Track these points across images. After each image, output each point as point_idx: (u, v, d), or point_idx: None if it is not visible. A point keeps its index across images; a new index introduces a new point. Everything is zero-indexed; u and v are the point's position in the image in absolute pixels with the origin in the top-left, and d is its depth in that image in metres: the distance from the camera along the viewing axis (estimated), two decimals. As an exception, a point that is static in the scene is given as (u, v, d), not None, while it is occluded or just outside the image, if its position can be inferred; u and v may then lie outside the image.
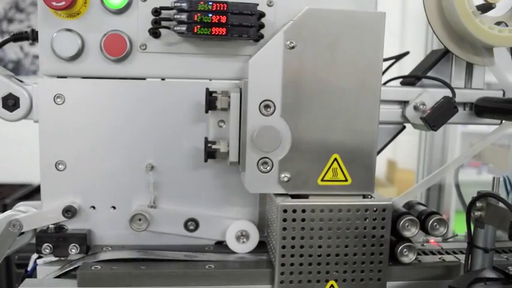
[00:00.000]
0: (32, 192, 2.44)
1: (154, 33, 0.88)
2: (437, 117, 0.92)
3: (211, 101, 0.88)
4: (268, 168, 0.82)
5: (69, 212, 0.90)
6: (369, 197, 0.86)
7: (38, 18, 0.89)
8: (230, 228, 0.93)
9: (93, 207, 0.93)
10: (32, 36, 0.93)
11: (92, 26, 0.89)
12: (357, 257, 0.84)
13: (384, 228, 0.84)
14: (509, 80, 1.01)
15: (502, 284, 0.83)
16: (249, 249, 0.94)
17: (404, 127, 1.03)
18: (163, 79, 0.94)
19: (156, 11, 0.87)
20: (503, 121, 1.01)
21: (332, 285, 0.85)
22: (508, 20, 0.98)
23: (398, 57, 1.13)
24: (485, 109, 0.99)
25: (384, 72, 1.10)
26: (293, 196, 0.84)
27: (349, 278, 0.85)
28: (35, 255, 0.93)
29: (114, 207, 0.94)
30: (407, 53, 1.14)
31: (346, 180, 0.84)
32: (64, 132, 0.91)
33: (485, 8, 0.94)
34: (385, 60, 1.09)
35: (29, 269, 0.93)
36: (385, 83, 1.10)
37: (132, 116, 0.92)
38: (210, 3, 0.83)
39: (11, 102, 0.90)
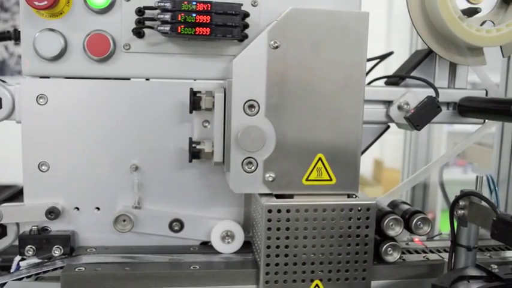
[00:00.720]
0: (17, 194, 2.41)
1: (138, 33, 0.88)
2: (420, 117, 0.93)
3: (195, 101, 0.88)
4: (252, 168, 0.82)
5: (53, 213, 0.90)
6: (354, 196, 0.86)
7: (20, 17, 0.88)
8: (215, 229, 0.93)
9: (77, 209, 0.93)
10: (14, 36, 0.92)
11: (75, 25, 0.88)
12: (341, 257, 0.84)
13: (368, 227, 0.85)
14: (492, 79, 1.02)
15: (484, 281, 0.83)
16: (234, 249, 0.93)
17: (388, 127, 1.04)
18: (147, 79, 0.93)
19: (140, 11, 0.86)
20: (486, 120, 1.02)
21: (317, 285, 0.85)
22: (493, 18, 0.99)
23: (382, 57, 1.13)
24: (468, 109, 1.00)
25: (368, 72, 1.11)
26: (278, 196, 0.84)
27: (334, 278, 0.85)
28: (18, 258, 0.92)
29: (98, 208, 0.93)
30: (391, 53, 1.15)
31: (330, 179, 0.84)
32: (47, 133, 0.90)
33: (470, 12, 0.95)
34: (370, 60, 1.10)
35: (12, 271, 0.91)
36: (369, 83, 1.11)
37: (116, 117, 0.91)
38: (194, 3, 0.83)
39: (-7, 103, 0.89)
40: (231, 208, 0.96)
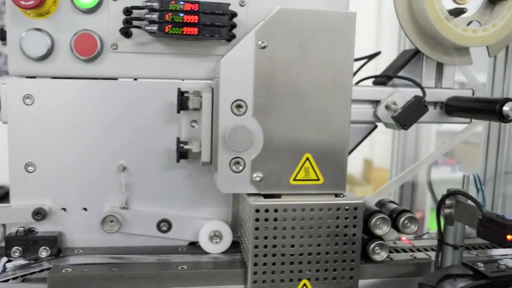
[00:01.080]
0: (4, 195, 2.39)
1: (126, 32, 0.88)
2: (407, 117, 0.93)
3: (183, 101, 0.88)
4: (240, 168, 0.82)
5: (39, 214, 0.89)
6: (341, 195, 0.87)
7: (6, 17, 0.87)
8: (203, 229, 0.93)
9: (64, 209, 0.92)
10: (1, 36, 0.91)
11: (61, 25, 0.88)
12: (329, 256, 0.85)
13: (356, 226, 0.85)
14: (478, 79, 1.02)
15: (471, 280, 0.84)
16: (222, 249, 0.93)
17: (376, 126, 1.04)
18: (135, 79, 0.93)
19: (127, 11, 0.86)
20: (473, 120, 1.02)
21: (305, 284, 0.85)
22: (479, 18, 1.00)
23: (370, 57, 1.14)
24: (455, 108, 1.00)
25: (356, 72, 1.12)
26: (265, 196, 0.84)
27: (322, 277, 0.85)
28: (4, 259, 0.91)
29: (85, 209, 0.93)
30: (378, 53, 1.16)
31: (318, 179, 0.85)
32: (33, 134, 0.90)
33: (457, 13, 0.95)
34: (358, 60, 1.10)
35: (-2, 272, 0.91)
36: (357, 83, 1.11)
37: (103, 117, 0.91)
38: (182, 2, 0.83)
39: (-21, 103, 0.88)
40: (219, 208, 0.96)
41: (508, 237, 0.73)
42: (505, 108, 0.88)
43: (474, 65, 1.01)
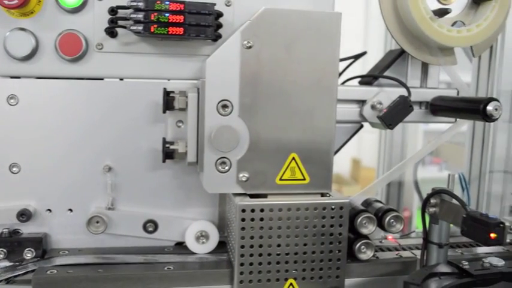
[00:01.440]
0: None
1: (111, 32, 0.87)
2: (393, 116, 0.94)
3: (168, 101, 0.87)
4: (226, 168, 0.82)
5: (24, 215, 0.88)
6: (327, 195, 0.87)
7: (-11, 17, 0.86)
8: (189, 229, 0.93)
9: (49, 210, 0.92)
10: (-16, 36, 0.90)
11: (46, 25, 0.87)
12: (315, 255, 0.85)
13: (342, 226, 0.85)
14: (463, 79, 1.03)
15: (456, 278, 0.85)
16: (208, 249, 0.93)
17: (362, 126, 1.05)
18: (121, 79, 0.92)
19: (113, 10, 0.86)
20: (457, 119, 1.03)
21: (291, 284, 0.85)
22: (464, 19, 1.01)
23: (356, 57, 1.14)
24: (440, 108, 1.01)
25: (342, 72, 1.12)
26: (252, 196, 0.84)
27: (308, 276, 0.85)
28: (-12, 261, 0.90)
29: (70, 210, 0.92)
30: (364, 53, 1.16)
31: (304, 179, 0.85)
32: (18, 134, 0.89)
33: (441, 13, 0.96)
34: (344, 59, 1.11)
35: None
36: (343, 83, 1.11)
37: (88, 117, 0.90)
38: (167, 2, 0.82)
39: (-38, 103, 0.87)
40: (206, 208, 0.96)
41: (492, 235, 0.74)
42: (489, 107, 0.89)
43: (459, 65, 1.02)
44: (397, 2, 0.97)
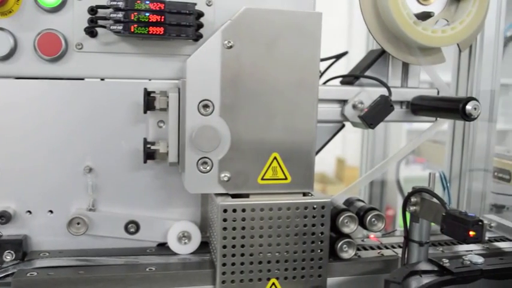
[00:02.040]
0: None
1: (91, 32, 0.87)
2: (374, 116, 0.94)
3: (149, 101, 0.87)
4: (208, 168, 0.82)
5: (3, 217, 0.87)
6: (309, 194, 0.87)
7: (-34, 16, 0.85)
8: (171, 230, 0.92)
9: (29, 212, 0.91)
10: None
11: (25, 24, 0.86)
12: (297, 255, 0.85)
13: (324, 225, 0.86)
14: (443, 79, 1.04)
15: (436, 275, 0.85)
16: (191, 250, 0.93)
17: (343, 125, 1.05)
18: (102, 79, 0.92)
19: (92, 10, 0.85)
20: (438, 118, 1.04)
21: (274, 283, 0.85)
22: (446, 16, 1.01)
23: (338, 57, 1.15)
24: (420, 107, 1.02)
25: (324, 72, 1.13)
26: (234, 196, 0.84)
27: (290, 275, 0.86)
28: (-33, 264, 0.89)
29: (51, 211, 0.91)
30: (346, 53, 1.17)
31: (285, 178, 0.85)
32: (-3, 135, 0.88)
33: (424, 16, 0.97)
34: (326, 59, 1.11)
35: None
36: (325, 82, 1.12)
37: (68, 117, 0.89)
38: (147, 2, 0.82)
39: None
40: (188, 209, 0.95)
41: (471, 233, 0.75)
42: (468, 107, 0.90)
43: (439, 65, 1.03)
44: (377, 4, 0.97)
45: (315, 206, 0.85)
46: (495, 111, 1.15)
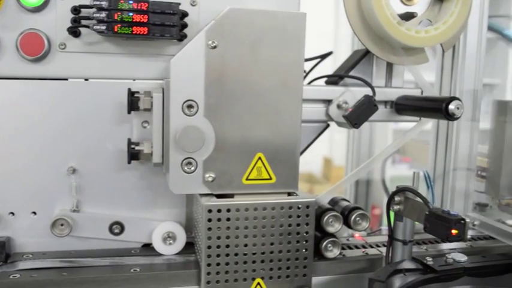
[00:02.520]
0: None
1: (74, 32, 0.86)
2: (358, 116, 0.95)
3: (133, 102, 0.86)
4: (192, 168, 0.82)
5: (-14, 219, 0.86)
6: (294, 194, 0.87)
7: None
8: (156, 230, 0.92)
9: (12, 214, 0.90)
10: None
11: (6, 24, 0.85)
12: (282, 254, 0.85)
13: (308, 224, 0.86)
14: (426, 79, 1.05)
15: (420, 274, 0.86)
16: (176, 250, 0.93)
17: (328, 125, 1.06)
18: (86, 79, 0.91)
19: (76, 9, 0.85)
20: (422, 118, 1.05)
21: (259, 283, 0.85)
22: (429, 16, 1.02)
23: (322, 57, 1.15)
24: (404, 107, 1.03)
25: (309, 72, 1.13)
26: (218, 196, 0.84)
27: (275, 275, 0.86)
28: (-52, 266, 0.88)
29: (34, 213, 0.90)
30: (330, 53, 1.17)
31: (270, 178, 0.85)
32: (-22, 136, 0.87)
33: (408, 17, 0.98)
34: (310, 59, 1.11)
35: None
36: (310, 82, 1.12)
37: (52, 118, 0.89)
38: (131, 1, 0.82)
39: None
40: (173, 209, 0.95)
41: (453, 231, 0.76)
42: (451, 106, 0.90)
43: (423, 65, 1.04)
44: (361, 4, 0.98)
45: (299, 206, 0.85)
46: (478, 110, 1.16)
